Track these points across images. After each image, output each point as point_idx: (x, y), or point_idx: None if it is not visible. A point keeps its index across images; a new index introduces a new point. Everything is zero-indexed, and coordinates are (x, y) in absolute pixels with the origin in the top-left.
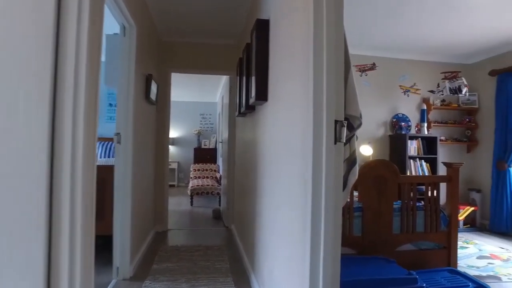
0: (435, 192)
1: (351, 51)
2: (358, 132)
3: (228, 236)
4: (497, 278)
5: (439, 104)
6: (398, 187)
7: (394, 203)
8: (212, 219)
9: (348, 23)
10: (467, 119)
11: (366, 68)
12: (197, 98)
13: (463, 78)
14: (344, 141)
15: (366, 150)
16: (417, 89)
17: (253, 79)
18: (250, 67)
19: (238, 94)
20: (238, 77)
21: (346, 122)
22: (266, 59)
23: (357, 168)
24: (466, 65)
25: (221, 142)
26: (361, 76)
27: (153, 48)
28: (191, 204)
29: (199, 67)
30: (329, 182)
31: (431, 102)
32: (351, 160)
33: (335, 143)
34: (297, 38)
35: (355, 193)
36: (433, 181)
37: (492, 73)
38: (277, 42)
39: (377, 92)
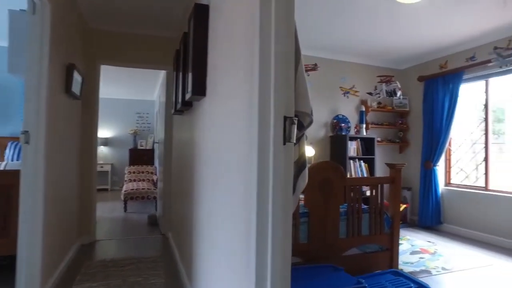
0: (379, 194)
1: None
2: None
3: (164, 245)
4: (428, 272)
5: (375, 106)
6: (344, 190)
7: (340, 206)
8: (147, 226)
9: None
10: (400, 121)
11: (308, 68)
12: (134, 96)
13: (397, 82)
14: (295, 142)
15: (308, 151)
16: (356, 91)
17: (190, 71)
18: (187, 58)
19: (175, 90)
20: (175, 71)
21: (296, 119)
22: (205, 48)
23: (306, 171)
24: (399, 70)
25: (157, 142)
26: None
27: (76, 34)
28: (125, 210)
29: (134, 60)
30: (278, 190)
31: (368, 104)
32: (300, 163)
33: (284, 144)
34: (240, 22)
35: (301, 196)
36: (378, 182)
37: (420, 78)
38: (218, 29)
39: (318, 93)
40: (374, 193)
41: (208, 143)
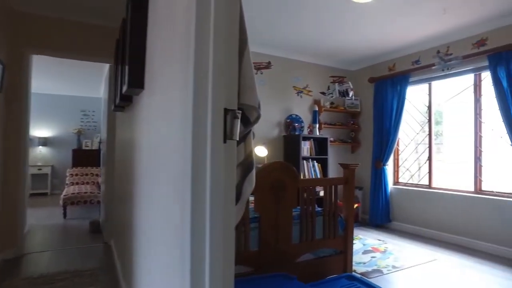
0: (333, 195)
1: None
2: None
3: (107, 255)
4: (379, 272)
5: (328, 106)
6: (297, 192)
7: (293, 210)
8: (89, 234)
9: (245, 18)
10: (351, 122)
11: (262, 66)
12: (78, 92)
13: (349, 82)
14: (238, 139)
15: (261, 151)
16: (310, 91)
17: (127, 61)
18: (125, 47)
19: (115, 84)
20: (115, 64)
21: (240, 113)
22: (143, 35)
23: (254, 174)
24: (351, 71)
25: (100, 142)
26: (256, 74)
27: None
28: (64, 217)
29: (70, 50)
30: (217, 196)
31: (322, 104)
32: (246, 165)
33: (224, 141)
34: (179, 1)
35: (250, 198)
36: (331, 183)
37: (370, 80)
38: (158, 13)
39: (272, 91)
40: (328, 195)
41: (145, 142)
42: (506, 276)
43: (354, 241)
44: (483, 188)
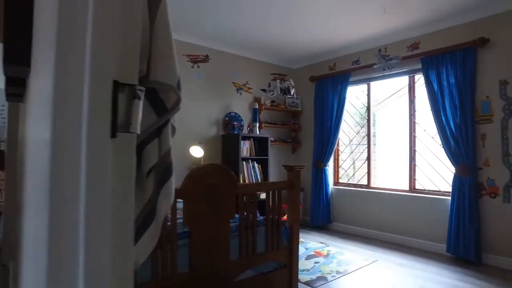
0: (276, 201)
1: (182, 37)
2: (187, 131)
3: (2, 282)
4: (324, 279)
5: (269, 105)
6: (236, 199)
7: (231, 220)
8: None
9: (180, 6)
10: (292, 121)
11: (199, 59)
12: None
13: (291, 80)
14: (139, 131)
15: (196, 152)
16: (250, 88)
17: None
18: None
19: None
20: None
21: (143, 91)
22: None
23: (172, 183)
24: (292, 69)
25: (3, 141)
26: (192, 67)
27: None
28: None
29: None
30: (99, 231)
31: (262, 102)
32: (161, 170)
33: (113, 135)
34: None
35: (179, 205)
36: (275, 188)
37: (311, 79)
38: None
39: (209, 87)
40: (270, 201)
41: (28, 138)
42: (439, 271)
43: None
44: (417, 187)
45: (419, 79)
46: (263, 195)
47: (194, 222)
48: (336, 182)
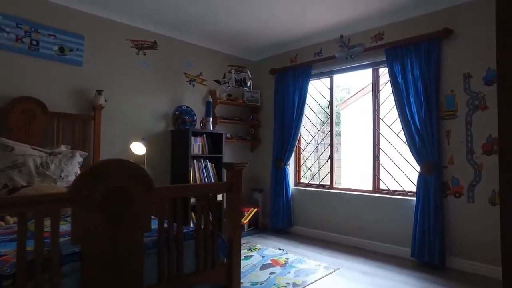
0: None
1: (124, 19)
2: (129, 126)
3: None
4: None
5: (225, 98)
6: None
7: (146, 234)
8: None
9: None
10: (251, 117)
11: (145, 45)
12: None
13: (248, 71)
14: None
15: (137, 149)
16: (204, 80)
17: None
18: None
19: None
20: None
21: None
22: None
23: None
24: (251, 61)
25: None
26: (137, 54)
27: None
28: None
29: None
30: None
31: (217, 95)
32: None
33: None
34: None
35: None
36: (208, 191)
37: (271, 71)
38: None
39: (157, 77)
40: (202, 208)
41: None
42: (403, 279)
43: (251, 253)
44: (381, 187)
45: (384, 73)
46: (219, 197)
47: (88, 239)
48: (298, 182)
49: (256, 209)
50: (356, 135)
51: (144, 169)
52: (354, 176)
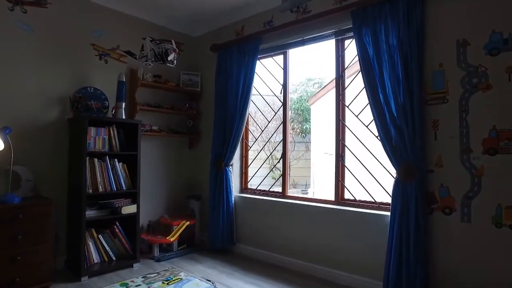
0: None
1: None
2: None
3: None
4: None
5: (150, 80)
6: None
7: None
8: None
9: None
10: (187, 105)
11: (26, 0)
12: None
13: (172, 41)
14: None
15: None
16: (123, 55)
17: None
18: None
19: None
20: None
21: None
22: None
23: None
24: (192, 37)
25: None
26: (12, 10)
27: None
28: None
29: None
30: None
31: (139, 75)
32: None
33: None
34: None
35: None
36: None
37: (213, 48)
38: None
39: (48, 46)
40: None
41: None
42: None
43: (165, 287)
44: (345, 196)
45: (351, 44)
46: (130, 209)
47: None
48: (244, 189)
49: (188, 222)
50: (327, 132)
51: None
52: (327, 181)
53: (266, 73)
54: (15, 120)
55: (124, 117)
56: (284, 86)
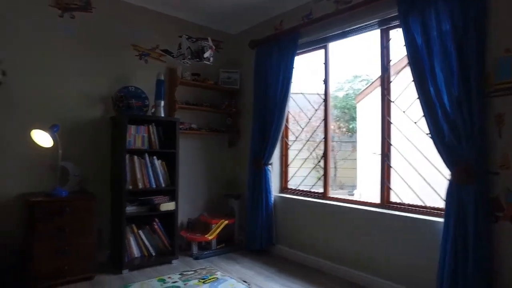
0: None
1: None
2: (43, 109)
3: None
4: None
5: (189, 78)
6: None
7: None
8: None
9: None
10: (226, 103)
11: (74, 6)
12: None
13: (209, 38)
14: None
15: (41, 139)
16: (162, 55)
17: None
18: None
19: None
20: None
21: None
22: None
23: None
24: (231, 35)
25: None
26: (61, 16)
27: None
28: None
29: None
30: None
31: (178, 74)
32: None
33: None
34: None
35: None
36: None
37: (251, 44)
38: None
39: (91, 48)
40: None
41: None
42: None
43: (202, 286)
44: (392, 199)
45: (397, 35)
46: (169, 206)
47: None
48: (284, 188)
49: (227, 221)
50: (374, 131)
51: None
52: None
53: (307, 70)
54: (62, 119)
55: (163, 115)
56: (325, 81)
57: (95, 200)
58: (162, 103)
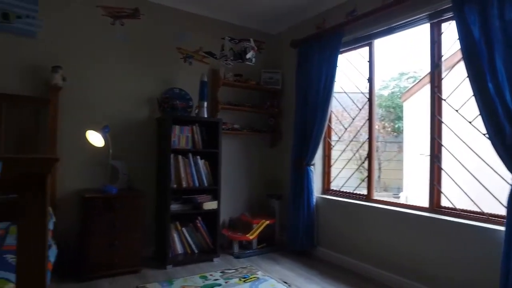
0: None
1: None
2: (97, 111)
3: None
4: None
5: (231, 79)
6: None
7: None
8: None
9: None
10: (268, 103)
11: (123, 14)
12: None
13: (251, 39)
14: None
15: (94, 139)
16: (205, 57)
17: None
18: None
19: None
20: None
21: None
22: None
23: None
24: (272, 35)
25: None
26: (113, 24)
27: None
28: None
29: None
30: None
31: (221, 75)
32: None
33: None
34: None
35: None
36: None
37: (293, 44)
38: None
39: (140, 52)
40: None
41: None
42: None
43: (241, 285)
44: (442, 204)
45: (449, 27)
46: (211, 205)
47: None
48: (326, 190)
49: (268, 221)
50: (422, 131)
51: None
52: (422, 186)
53: (351, 69)
54: (112, 120)
55: (206, 116)
56: (370, 80)
57: (142, 197)
58: (205, 103)
